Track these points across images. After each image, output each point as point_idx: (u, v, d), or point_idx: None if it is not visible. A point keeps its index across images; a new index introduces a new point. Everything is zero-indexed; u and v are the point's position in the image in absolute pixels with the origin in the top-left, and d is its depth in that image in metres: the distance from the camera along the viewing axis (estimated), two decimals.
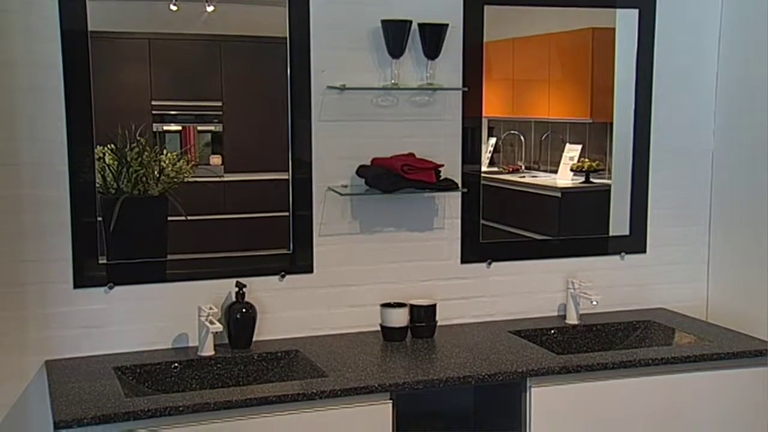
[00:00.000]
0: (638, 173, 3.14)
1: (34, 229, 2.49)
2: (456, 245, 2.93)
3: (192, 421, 2.17)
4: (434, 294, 2.89)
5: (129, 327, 2.59)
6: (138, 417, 2.11)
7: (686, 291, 3.22)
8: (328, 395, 2.28)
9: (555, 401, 2.51)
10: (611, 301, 3.09)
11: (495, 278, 2.99)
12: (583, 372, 2.51)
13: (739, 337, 2.81)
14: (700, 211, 3.22)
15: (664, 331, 2.94)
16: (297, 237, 2.76)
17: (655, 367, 2.57)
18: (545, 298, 3.05)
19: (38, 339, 2.51)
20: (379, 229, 2.84)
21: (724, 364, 2.64)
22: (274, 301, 2.74)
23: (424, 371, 2.45)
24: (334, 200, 2.78)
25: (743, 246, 3.10)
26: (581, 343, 2.93)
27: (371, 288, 2.84)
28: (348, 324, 2.82)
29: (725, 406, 2.67)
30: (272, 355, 2.61)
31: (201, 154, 2.74)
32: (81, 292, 2.54)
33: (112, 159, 2.58)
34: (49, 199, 2.49)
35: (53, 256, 2.51)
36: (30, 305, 2.50)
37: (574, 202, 3.26)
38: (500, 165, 3.20)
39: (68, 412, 2.09)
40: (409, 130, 2.83)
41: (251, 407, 2.21)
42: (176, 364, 2.52)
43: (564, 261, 3.06)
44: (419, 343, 2.72)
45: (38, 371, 2.50)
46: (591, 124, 3.24)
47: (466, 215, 2.93)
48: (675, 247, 3.20)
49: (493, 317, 2.99)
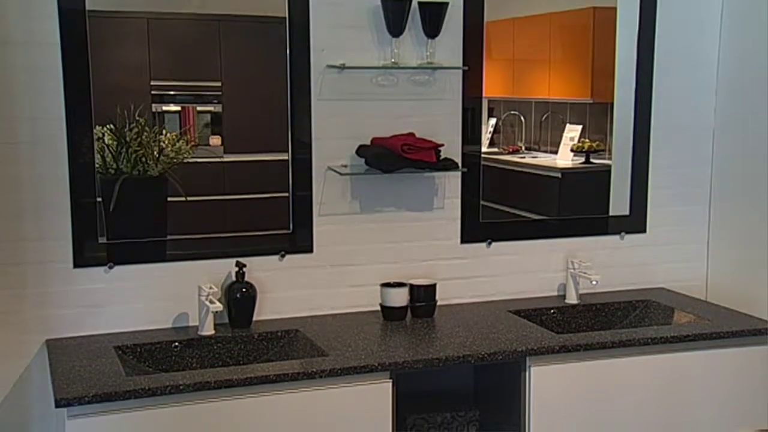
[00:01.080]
0: (639, 153, 3.13)
1: (33, 208, 2.49)
2: (456, 225, 2.93)
3: (192, 400, 2.18)
4: (434, 274, 2.89)
5: (129, 306, 2.60)
6: (139, 395, 2.12)
7: (686, 270, 3.22)
8: (328, 374, 2.28)
9: (554, 380, 2.51)
10: (611, 281, 3.09)
11: (495, 258, 2.99)
12: (582, 351, 2.52)
13: (739, 316, 2.82)
14: (700, 190, 3.22)
15: (663, 311, 2.95)
16: (297, 217, 2.75)
17: (655, 346, 2.58)
18: (545, 277, 3.05)
19: (38, 318, 2.51)
20: (379, 209, 2.84)
21: (724, 343, 2.65)
22: (274, 280, 2.74)
23: (424, 350, 2.45)
24: (334, 180, 2.77)
25: (743, 225, 3.10)
26: (581, 323, 2.94)
27: (371, 268, 2.84)
28: (348, 304, 2.83)
29: (724, 384, 2.68)
30: (272, 334, 2.61)
31: (200, 134, 2.73)
32: (81, 272, 2.54)
33: (111, 139, 2.57)
34: (49, 178, 2.49)
35: (53, 235, 2.51)
36: (30, 284, 2.50)
37: (574, 182, 3.26)
38: (500, 146, 3.19)
39: (69, 391, 2.10)
40: (409, 110, 2.82)
41: (251, 386, 2.22)
42: (176, 344, 2.52)
43: (564, 241, 3.06)
44: (419, 323, 2.73)
45: (39, 350, 2.51)
46: (591, 104, 3.23)
47: (466, 195, 2.93)
48: (675, 227, 3.20)
49: (493, 297, 2.99)
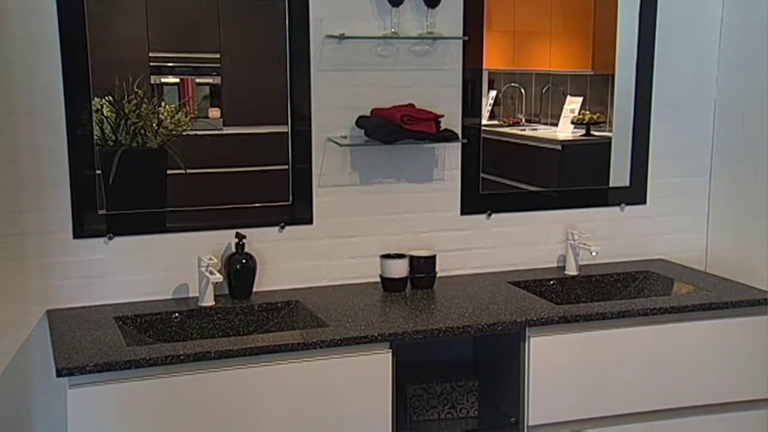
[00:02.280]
0: (639, 124, 3.12)
1: (32, 179, 2.48)
2: (456, 196, 2.92)
3: (193, 370, 2.18)
4: (434, 245, 2.89)
5: (129, 277, 2.60)
6: (139, 365, 2.12)
7: (686, 241, 3.22)
8: (328, 344, 2.29)
9: (554, 351, 2.52)
10: (610, 252, 3.09)
11: (495, 229, 2.99)
12: (581, 322, 2.52)
13: (738, 286, 2.82)
14: (701, 161, 3.21)
15: (662, 281, 2.95)
16: (296, 188, 2.75)
17: (654, 316, 2.58)
18: (545, 249, 3.05)
19: (39, 288, 2.52)
20: (378, 180, 2.84)
21: (723, 313, 2.65)
22: (274, 252, 2.74)
23: (424, 321, 2.46)
24: (334, 151, 2.76)
25: (744, 196, 3.09)
26: (580, 294, 2.95)
27: (371, 239, 2.84)
28: (348, 275, 2.83)
29: (723, 355, 2.68)
30: (272, 305, 2.62)
31: (199, 107, 2.72)
32: (81, 243, 2.54)
33: (110, 111, 2.56)
34: (47, 149, 2.48)
35: (52, 206, 2.50)
36: (30, 255, 2.50)
37: (575, 154, 3.25)
38: (500, 118, 3.18)
39: (70, 360, 2.10)
40: (409, 81, 2.80)
41: (252, 356, 2.23)
42: (177, 314, 2.53)
43: (564, 212, 3.06)
44: (419, 294, 2.73)
45: (40, 320, 2.52)
46: (592, 76, 3.21)
47: (466, 166, 2.92)
48: (675, 198, 3.20)
49: (493, 268, 2.99)
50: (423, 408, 2.65)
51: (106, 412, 2.13)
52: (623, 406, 2.61)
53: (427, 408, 2.65)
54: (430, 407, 2.65)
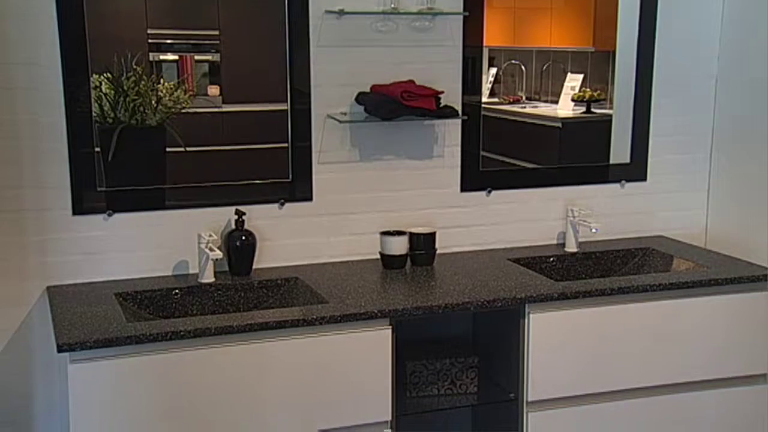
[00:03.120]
0: (640, 101, 3.11)
1: (31, 155, 2.48)
2: (456, 173, 2.92)
3: (193, 346, 2.19)
4: (434, 222, 2.89)
5: (129, 254, 2.60)
6: (140, 341, 2.13)
7: (686, 218, 3.22)
8: (328, 321, 2.29)
9: (553, 327, 2.53)
10: (610, 229, 3.09)
11: (494, 206, 2.99)
12: (581, 298, 2.52)
13: (737, 263, 2.82)
14: (701, 138, 3.20)
15: (662, 258, 2.95)
16: (296, 165, 2.74)
17: (653, 293, 2.59)
18: (545, 226, 3.05)
19: (39, 265, 2.52)
20: (378, 157, 2.83)
21: (722, 289, 2.66)
22: (274, 228, 2.74)
23: (424, 298, 2.46)
24: (334, 128, 2.76)
25: (744, 173, 3.09)
26: (580, 271, 2.95)
27: (371, 216, 2.84)
28: (348, 252, 2.83)
29: (723, 331, 2.69)
30: (272, 282, 2.62)
31: (199, 84, 2.71)
32: (80, 219, 2.54)
33: (108, 88, 2.55)
34: (46, 125, 2.47)
35: (51, 182, 2.50)
36: (29, 231, 2.50)
37: (575, 132, 3.24)
38: (501, 96, 3.16)
39: (71, 336, 2.11)
40: (409, 57, 2.79)
41: (252, 332, 2.23)
42: (177, 291, 2.53)
43: (564, 189, 3.06)
44: (419, 271, 2.73)
45: (40, 297, 2.52)
46: (593, 52, 3.19)
47: (466, 143, 2.91)
48: (675, 175, 3.19)
49: (493, 245, 2.99)
50: (423, 384, 2.66)
51: (106, 387, 2.13)
52: (622, 382, 2.62)
53: (426, 384, 2.66)
54: (430, 383, 2.66)
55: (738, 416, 2.76)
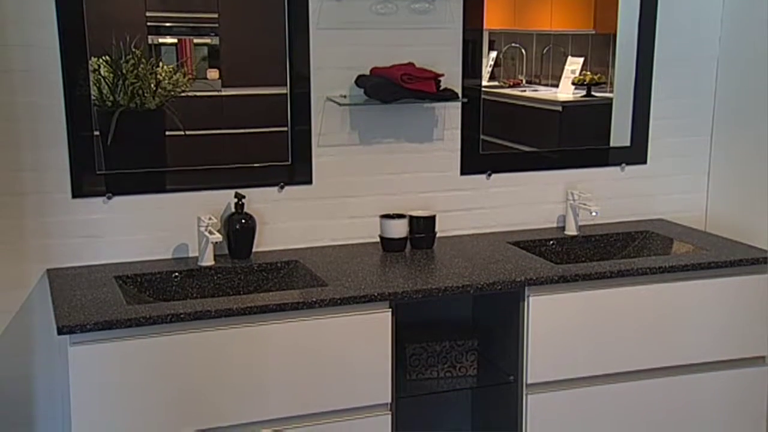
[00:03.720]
0: (641, 84, 3.09)
1: (30, 138, 2.47)
2: (456, 156, 2.91)
3: (193, 329, 2.19)
4: (434, 205, 2.88)
5: (129, 237, 2.60)
6: (140, 323, 2.13)
7: (686, 201, 3.22)
8: (328, 304, 2.29)
9: (553, 310, 2.53)
10: (610, 212, 3.09)
11: (494, 190, 2.98)
12: (581, 281, 2.53)
13: (737, 246, 2.82)
14: (702, 120, 3.19)
15: (662, 241, 2.95)
16: (296, 148, 2.74)
17: (653, 275, 2.59)
18: (545, 209, 3.05)
19: (38, 247, 2.51)
20: (378, 140, 2.82)
21: (722, 272, 2.66)
22: (274, 212, 2.74)
23: (424, 281, 2.46)
24: (333, 111, 2.75)
25: (744, 156, 3.08)
26: (580, 254, 2.95)
27: (370, 199, 2.84)
28: (347, 235, 2.83)
29: (723, 313, 2.69)
30: (272, 265, 2.62)
31: (198, 67, 2.70)
32: (79, 202, 2.54)
33: (107, 71, 2.55)
34: (44, 108, 2.47)
35: (50, 165, 2.50)
36: (29, 214, 2.50)
37: (575, 115, 3.23)
38: (501, 79, 3.15)
39: (71, 318, 2.11)
40: (408, 39, 2.77)
41: (252, 315, 2.23)
42: (177, 274, 2.53)
43: (564, 172, 3.05)
44: (418, 254, 2.73)
45: (40, 279, 2.52)
46: (594, 35, 3.18)
47: (466, 126, 2.90)
48: (676, 158, 3.18)
49: (493, 228, 2.99)
50: (422, 367, 2.66)
51: (107, 369, 2.14)
52: (622, 365, 2.62)
53: (426, 367, 2.67)
54: (430, 366, 2.67)
55: (737, 398, 2.76)
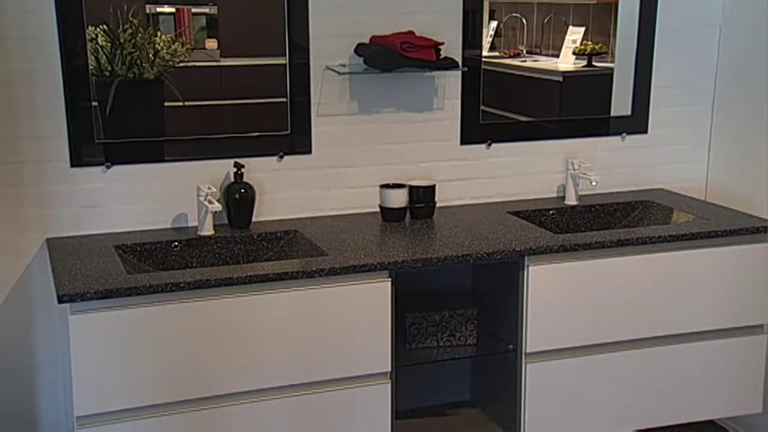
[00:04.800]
0: (642, 52, 3.07)
1: (27, 107, 2.46)
2: (456, 126, 2.90)
3: (193, 298, 2.20)
4: (433, 175, 2.88)
5: (128, 206, 2.60)
6: (140, 292, 2.13)
7: (686, 171, 3.21)
8: (327, 273, 2.29)
9: (552, 279, 2.53)
10: (611, 182, 3.08)
11: (494, 159, 2.97)
12: (580, 251, 2.53)
13: (737, 215, 2.82)
14: (704, 89, 3.17)
15: (662, 211, 2.95)
16: (295, 118, 2.73)
17: (653, 245, 2.59)
18: (545, 179, 3.04)
19: (38, 217, 2.51)
20: (378, 110, 2.81)
21: (722, 241, 2.66)
22: (273, 181, 2.73)
23: (423, 250, 2.46)
24: (333, 79, 2.73)
25: (746, 125, 3.06)
26: (579, 223, 2.95)
27: (370, 169, 2.83)
28: (347, 205, 2.83)
29: (722, 283, 2.70)
30: (272, 235, 2.62)
31: (196, 37, 2.68)
32: (78, 171, 2.53)
33: (105, 40, 2.53)
34: (42, 76, 2.45)
35: (49, 134, 2.49)
36: (27, 183, 2.49)
37: (576, 86, 3.21)
38: (501, 50, 3.13)
39: (71, 287, 2.11)
40: (409, 7, 2.75)
41: (251, 284, 2.24)
42: (176, 243, 2.53)
43: (564, 142, 3.04)
44: (418, 224, 2.73)
45: (39, 248, 2.52)
46: (595, 5, 3.15)
47: (466, 96, 2.89)
48: (677, 127, 3.17)
49: (493, 198, 2.99)
50: (422, 336, 2.67)
51: (107, 338, 2.14)
52: (621, 334, 2.63)
53: (426, 336, 2.68)
54: (429, 335, 2.68)
55: (735, 366, 2.78)
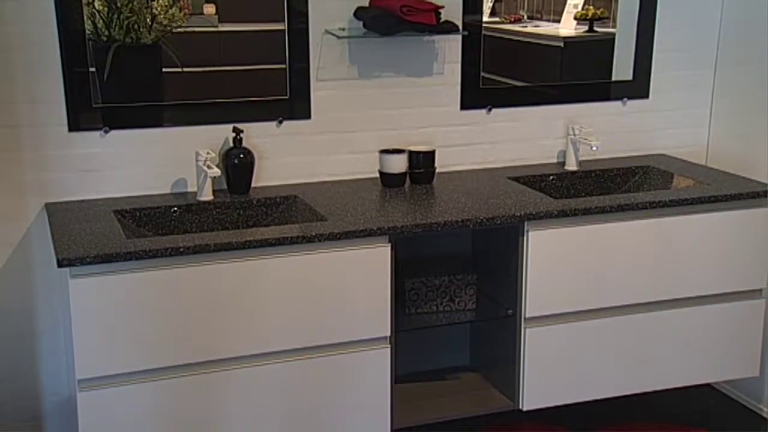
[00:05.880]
0: (644, 16, 3.04)
1: (24, 70, 2.44)
2: (456, 91, 2.88)
3: (192, 263, 2.20)
4: (433, 140, 2.87)
5: (127, 171, 2.59)
6: (140, 257, 2.13)
7: (687, 136, 3.19)
8: (327, 238, 2.29)
9: (552, 245, 2.53)
10: (611, 147, 3.07)
11: (495, 125, 2.96)
12: (580, 216, 2.52)
13: (738, 180, 2.82)
14: (706, 53, 3.14)
15: (663, 176, 2.94)
16: (294, 83, 2.71)
17: (653, 210, 2.58)
18: (545, 144, 3.03)
19: (36, 181, 2.50)
20: (377, 74, 2.79)
21: (722, 206, 2.65)
22: (272, 147, 2.72)
23: (423, 215, 2.46)
24: (332, 44, 2.71)
25: (747, 89, 3.04)
26: (580, 189, 2.94)
27: (370, 134, 2.82)
28: (346, 170, 2.82)
29: (722, 247, 2.70)
30: (271, 200, 2.61)
31: (194, 2, 2.65)
32: (76, 136, 2.52)
33: (101, 4, 2.50)
34: (38, 38, 2.43)
35: (46, 97, 2.47)
36: (25, 147, 2.48)
37: (577, 51, 3.18)
38: (502, 15, 3.10)
39: (70, 251, 2.11)
40: None
41: (251, 249, 2.23)
42: (175, 209, 2.53)
43: (565, 107, 3.02)
44: (418, 189, 2.72)
45: (39, 213, 2.52)
46: None
47: (466, 60, 2.86)
48: (678, 92, 3.15)
49: (493, 164, 2.98)
50: (421, 301, 2.68)
51: (107, 302, 2.15)
52: (620, 298, 2.63)
53: (425, 301, 2.68)
54: (429, 300, 2.68)
55: (733, 330, 2.78)
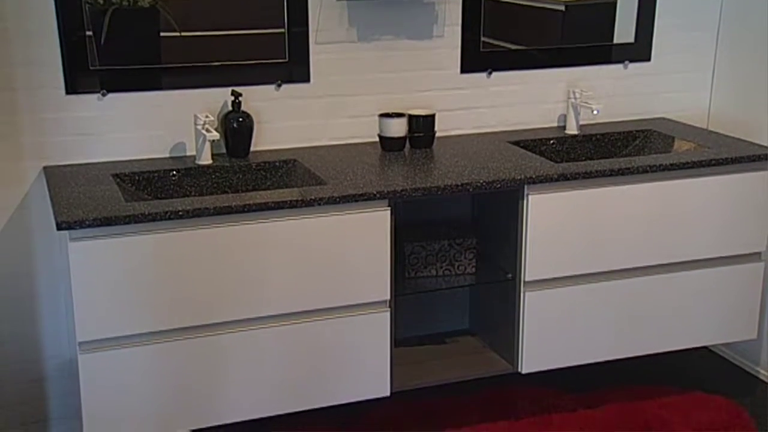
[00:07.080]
0: None
1: (19, 33, 2.42)
2: (456, 54, 2.86)
3: (191, 226, 2.19)
4: (433, 104, 2.85)
5: (125, 135, 2.57)
6: (139, 220, 2.13)
7: (689, 100, 3.17)
8: (326, 202, 2.29)
9: (552, 208, 2.53)
10: (612, 111, 3.05)
11: (495, 88, 2.94)
12: (580, 179, 2.51)
13: (739, 143, 2.80)
14: (709, 15, 3.11)
15: (663, 140, 2.93)
16: (293, 46, 2.68)
17: (653, 173, 2.57)
18: (546, 108, 3.01)
19: (34, 144, 2.49)
20: (377, 37, 2.76)
21: (723, 169, 2.64)
22: (271, 110, 2.70)
23: (423, 179, 2.45)
24: (331, 6, 2.68)
25: (750, 53, 3.01)
26: (580, 153, 2.93)
27: (369, 98, 2.80)
28: (346, 134, 2.80)
29: (723, 210, 2.69)
30: (270, 164, 2.60)
31: None
32: (74, 98, 2.50)
33: None
34: (35, 1, 2.40)
35: (43, 60, 2.45)
36: (23, 110, 2.46)
37: (579, 15, 3.14)
38: None
39: (69, 214, 2.11)
40: None
41: (250, 213, 2.23)
42: (174, 172, 2.52)
43: (566, 70, 3.00)
44: (418, 153, 2.71)
45: (37, 177, 2.51)
46: None
47: (466, 24, 2.83)
48: (681, 55, 3.12)
49: (493, 128, 2.96)
50: (421, 265, 2.68)
51: (107, 265, 2.15)
52: (620, 262, 2.63)
53: (425, 265, 2.69)
54: (428, 264, 2.69)
55: (732, 293, 2.79)
